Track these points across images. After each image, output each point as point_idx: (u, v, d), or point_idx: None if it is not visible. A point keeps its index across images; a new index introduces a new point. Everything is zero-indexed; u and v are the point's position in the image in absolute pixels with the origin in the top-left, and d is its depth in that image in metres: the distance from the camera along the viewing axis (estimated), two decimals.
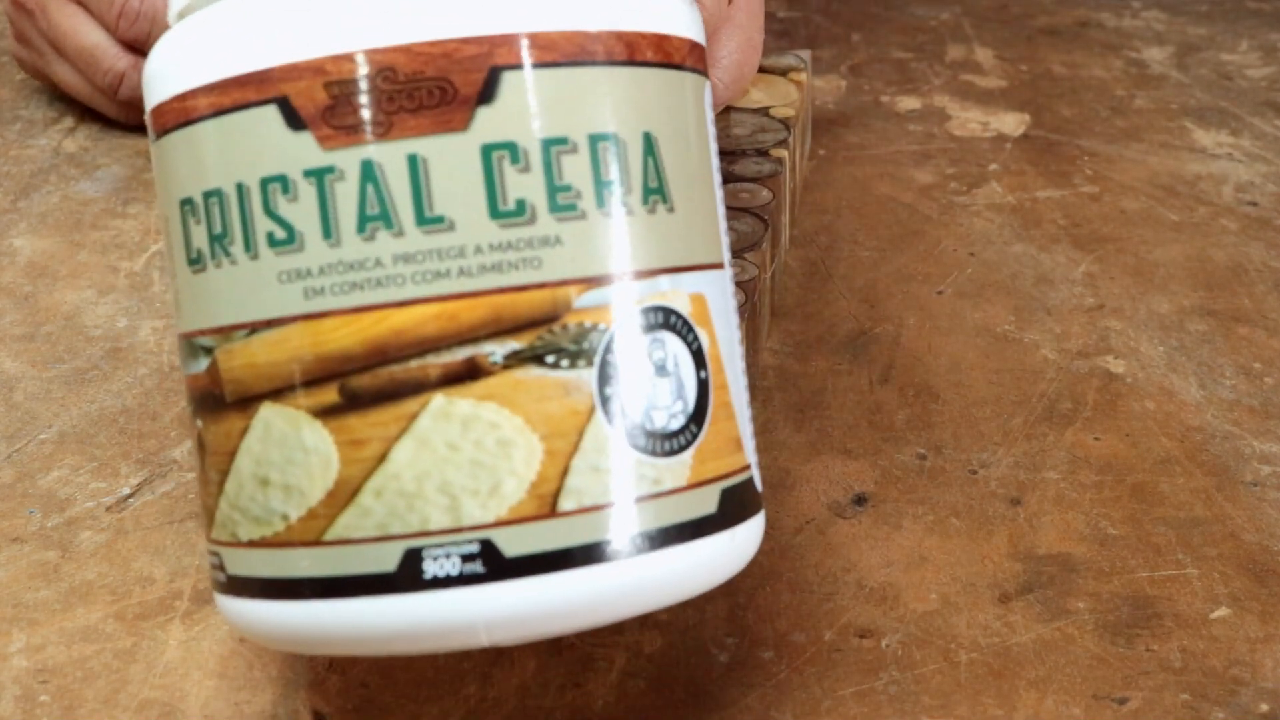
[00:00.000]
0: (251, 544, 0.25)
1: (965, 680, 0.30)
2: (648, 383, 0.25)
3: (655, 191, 0.25)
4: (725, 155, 0.45)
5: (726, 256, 0.28)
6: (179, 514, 0.35)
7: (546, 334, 0.24)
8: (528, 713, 0.29)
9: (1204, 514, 0.35)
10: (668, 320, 0.25)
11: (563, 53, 0.24)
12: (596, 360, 0.24)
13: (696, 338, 0.26)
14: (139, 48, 0.53)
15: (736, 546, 0.26)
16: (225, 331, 0.25)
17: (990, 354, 0.42)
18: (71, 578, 0.33)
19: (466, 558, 0.23)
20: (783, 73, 0.51)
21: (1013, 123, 0.60)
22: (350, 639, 0.24)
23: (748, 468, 0.27)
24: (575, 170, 0.24)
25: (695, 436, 0.25)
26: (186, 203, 0.25)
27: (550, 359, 0.24)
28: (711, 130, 0.28)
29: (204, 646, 0.31)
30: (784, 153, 0.45)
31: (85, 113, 0.58)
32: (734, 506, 0.26)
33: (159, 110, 0.26)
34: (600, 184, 0.24)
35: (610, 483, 0.24)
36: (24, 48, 0.57)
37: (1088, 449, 0.38)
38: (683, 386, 0.25)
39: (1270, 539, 0.34)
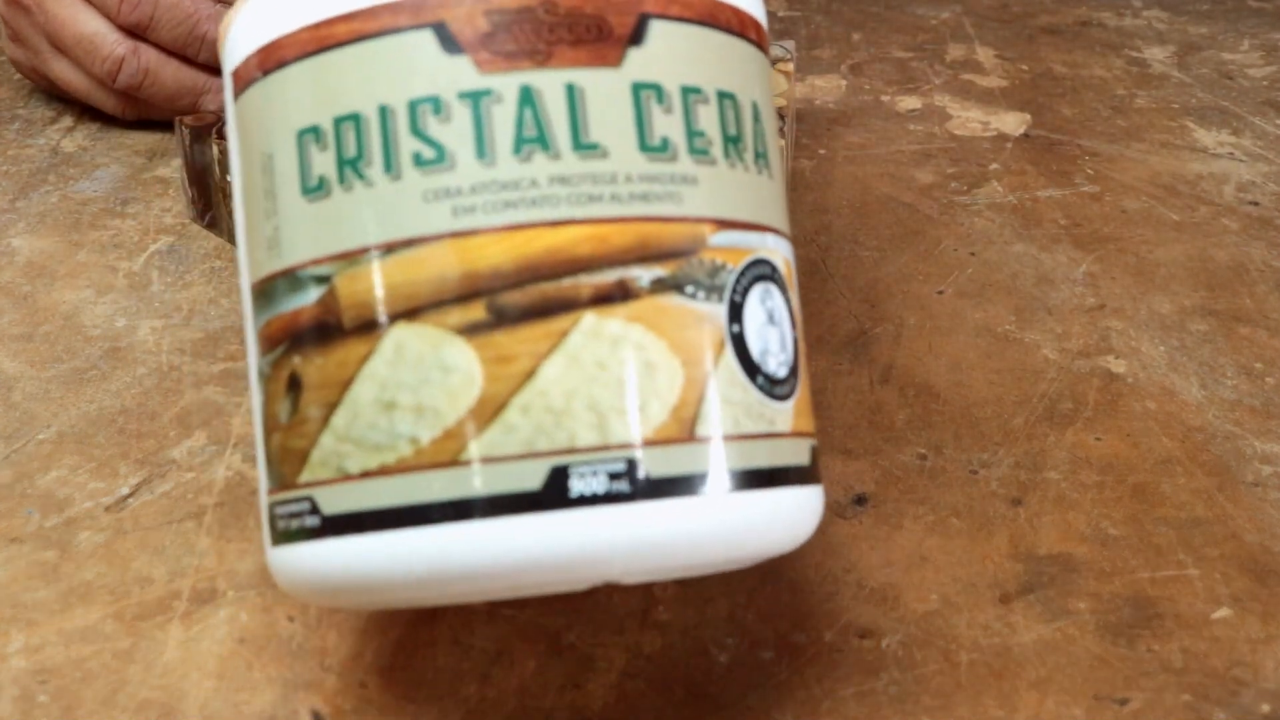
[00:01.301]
0: (365, 475, 0.24)
1: (966, 681, 0.30)
2: (764, 328, 0.26)
3: (761, 156, 0.27)
4: None
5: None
6: (178, 514, 0.35)
7: (686, 265, 0.25)
8: (528, 713, 0.29)
9: (1205, 514, 0.35)
10: (774, 274, 0.26)
11: (697, 13, 0.26)
12: (726, 297, 0.25)
13: (789, 298, 0.27)
14: (139, 33, 0.53)
15: (818, 504, 0.27)
16: (351, 256, 0.25)
17: (991, 354, 0.42)
18: (70, 578, 0.33)
19: (614, 475, 0.24)
20: (770, 64, 0.51)
21: (1013, 122, 0.60)
22: (481, 568, 0.24)
23: (815, 435, 0.28)
24: (707, 119, 0.26)
25: (794, 389, 0.26)
26: (309, 131, 0.25)
27: (689, 289, 0.25)
28: None
29: (203, 647, 0.31)
30: (782, 141, 0.45)
31: (84, 112, 0.58)
32: (815, 464, 0.27)
33: (274, 46, 0.26)
34: (726, 137, 0.26)
35: (737, 415, 0.25)
36: (20, 47, 0.57)
37: (1089, 449, 0.38)
38: (785, 339, 0.26)
39: (1271, 539, 0.34)
